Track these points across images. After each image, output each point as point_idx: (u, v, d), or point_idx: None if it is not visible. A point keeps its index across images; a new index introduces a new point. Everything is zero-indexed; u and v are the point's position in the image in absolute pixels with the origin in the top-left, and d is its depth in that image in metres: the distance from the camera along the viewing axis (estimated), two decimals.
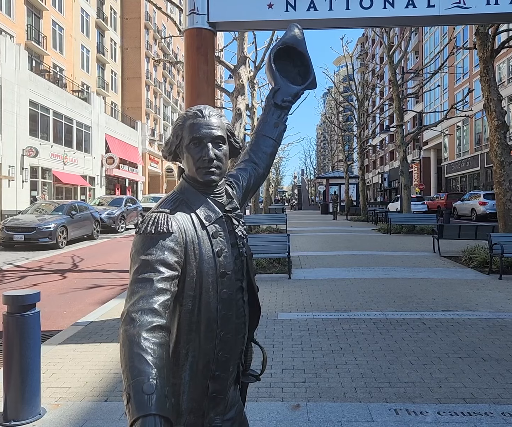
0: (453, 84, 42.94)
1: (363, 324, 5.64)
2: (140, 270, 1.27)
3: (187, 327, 1.37)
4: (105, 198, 23.22)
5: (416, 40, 52.24)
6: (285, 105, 1.91)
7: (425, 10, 5.92)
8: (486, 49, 10.63)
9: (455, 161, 43.25)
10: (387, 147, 64.01)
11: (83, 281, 9.18)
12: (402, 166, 19.33)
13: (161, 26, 54.94)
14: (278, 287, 7.82)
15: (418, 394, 3.70)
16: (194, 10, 6.11)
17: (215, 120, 1.48)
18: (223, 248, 1.44)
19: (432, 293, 7.25)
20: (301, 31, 2.12)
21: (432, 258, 11.15)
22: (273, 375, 4.10)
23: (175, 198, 1.46)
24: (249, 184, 1.77)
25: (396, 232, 17.77)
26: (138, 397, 1.06)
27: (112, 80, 44.49)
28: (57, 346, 5.02)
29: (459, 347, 4.77)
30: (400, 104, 19.79)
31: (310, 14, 6.03)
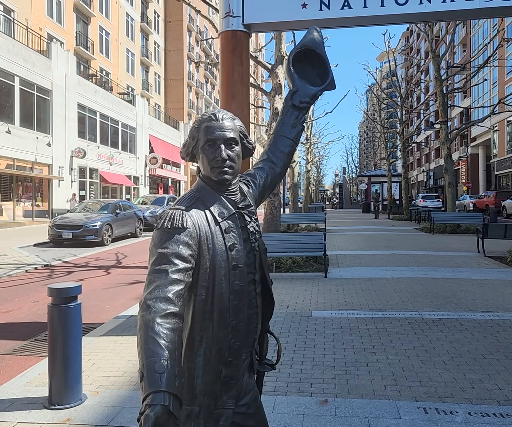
0: (503, 78, 41.12)
1: (397, 323, 5.59)
2: (157, 261, 1.39)
3: (201, 316, 1.48)
4: (148, 198, 23.92)
5: (463, 33, 50.40)
6: (302, 106, 1.97)
7: (463, 4, 5.78)
8: None
9: (505, 158, 41.41)
10: (432, 144, 62.15)
11: (125, 277, 9.55)
12: (446, 163, 18.79)
13: (203, 28, 55.83)
14: (313, 285, 7.85)
15: (449, 394, 3.66)
16: (229, 13, 6.24)
17: (228, 123, 1.57)
18: (235, 242, 1.53)
19: (472, 294, 7.06)
20: (320, 34, 2.19)
21: (476, 258, 10.81)
22: (303, 370, 4.16)
23: (191, 196, 1.57)
24: (266, 182, 1.85)
25: (439, 231, 17.30)
26: (150, 375, 1.18)
27: (156, 82, 45.65)
28: (99, 337, 5.29)
29: (497, 349, 4.65)
30: (444, 100, 19.22)
31: (344, 12, 6.03)
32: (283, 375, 4.05)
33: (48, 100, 24.42)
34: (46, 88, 24.22)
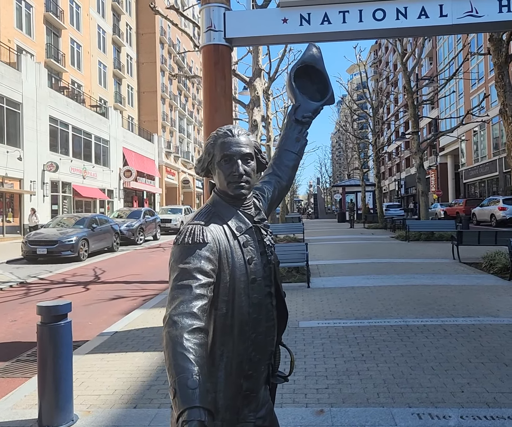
0: (468, 90, 42.58)
1: (383, 331, 5.68)
2: (179, 277, 1.39)
3: (222, 330, 1.49)
4: (124, 211, 23.59)
5: (429, 47, 52.01)
6: (305, 120, 2.02)
7: (437, 20, 6.00)
8: (500, 55, 10.61)
9: (473, 167, 42.77)
10: (403, 154, 63.60)
11: (105, 292, 9.38)
12: (418, 173, 19.26)
13: (175, 40, 55.82)
14: (297, 296, 7.89)
15: (440, 399, 3.74)
16: (211, 27, 6.29)
17: (244, 139, 1.60)
18: (253, 256, 1.55)
19: (452, 300, 7.24)
20: (319, 50, 2.25)
21: (452, 264, 11.09)
22: (296, 381, 4.17)
23: (208, 211, 1.58)
24: (274, 196, 1.89)
25: (414, 239, 17.66)
26: (184, 391, 1.18)
27: (129, 95, 45.29)
28: (85, 355, 5.18)
29: (481, 353, 4.78)
30: (415, 111, 19.76)
31: (324, 27, 6.16)
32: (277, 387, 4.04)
33: (19, 113, 23.91)
34: (17, 101, 23.71)
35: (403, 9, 6.08)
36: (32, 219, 20.59)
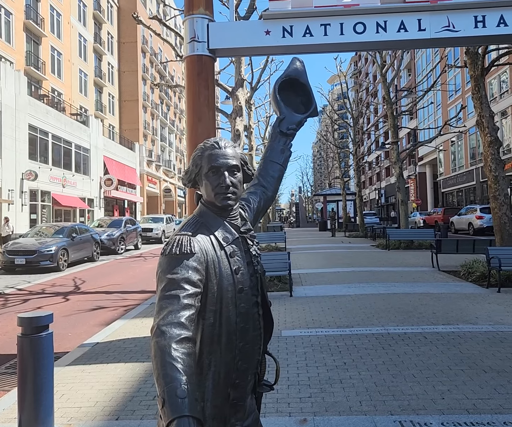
0: (446, 101, 43.54)
1: (365, 339, 5.74)
2: (167, 287, 1.40)
3: (210, 339, 1.50)
4: (105, 220, 23.32)
5: (408, 58, 53.07)
6: (290, 132, 2.06)
7: (416, 34, 6.16)
8: (476, 68, 10.91)
9: (450, 176, 43.64)
10: (382, 163, 64.51)
11: (86, 303, 9.25)
12: (398, 182, 19.56)
13: (157, 50, 55.73)
14: (280, 305, 7.92)
15: (421, 406, 3.80)
16: (195, 38, 6.33)
17: (231, 151, 1.63)
18: (240, 266, 1.58)
19: (432, 307, 7.36)
20: (303, 64, 2.31)
21: (431, 272, 11.28)
22: (279, 390, 4.19)
23: (195, 221, 1.60)
24: (259, 206, 1.92)
25: (394, 247, 17.91)
26: (172, 400, 1.19)
27: (110, 103, 44.95)
28: (65, 367, 5.09)
29: (460, 360, 4.87)
30: (394, 122, 20.11)
31: (306, 39, 6.26)
32: None
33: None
34: None
35: (382, 23, 6.23)
36: (5, 228, 20.07)
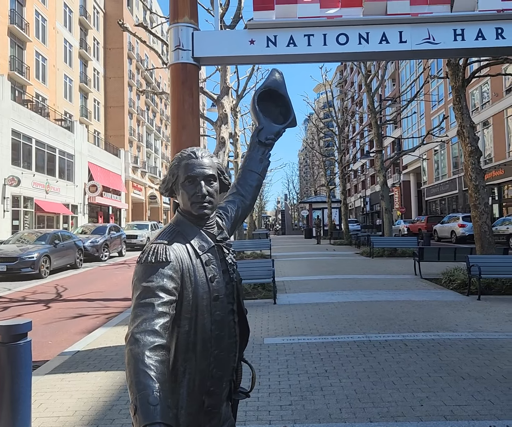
0: (429, 111, 44.23)
1: (347, 346, 5.78)
2: (142, 295, 1.42)
3: (184, 347, 1.52)
4: (88, 227, 23.08)
5: (393, 68, 53.85)
6: (268, 142, 2.10)
7: (397, 46, 6.28)
8: (457, 79, 11.13)
9: (434, 185, 44.26)
10: (367, 171, 65.12)
11: (67, 310, 9.14)
12: (382, 190, 19.77)
13: (143, 56, 55.62)
14: (263, 312, 7.93)
15: (400, 413, 3.84)
16: (179, 46, 6.36)
17: (207, 161, 1.66)
18: (216, 274, 1.60)
19: (413, 315, 7.44)
20: (282, 75, 2.35)
21: (413, 280, 11.41)
22: (260, 398, 4.20)
23: (172, 230, 1.62)
24: (237, 215, 1.94)
25: (378, 255, 18.07)
26: (145, 407, 1.20)
27: (95, 109, 44.65)
28: (44, 376, 5.03)
29: (440, 367, 4.94)
30: (378, 131, 20.36)
31: (290, 49, 6.33)
32: (240, 404, 4.05)
33: None
34: None
35: (365, 34, 6.34)
36: None
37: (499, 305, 8.06)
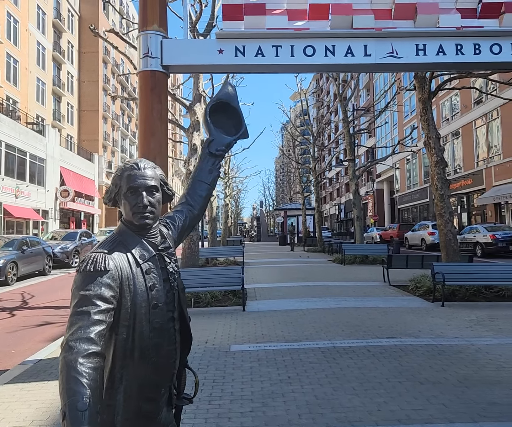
0: (402, 121, 45.19)
1: (311, 353, 5.86)
2: (79, 303, 1.45)
3: (122, 354, 1.55)
4: (59, 233, 22.66)
5: (367, 78, 54.83)
6: (218, 153, 2.15)
7: (362, 59, 6.44)
8: (424, 91, 11.45)
9: (406, 193, 45.15)
10: (342, 179, 65.95)
11: (33, 318, 8.97)
12: (354, 198, 20.08)
13: (119, 61, 55.14)
14: (232, 320, 7.95)
15: (358, 418, 3.92)
16: (148, 54, 6.37)
17: (150, 172, 1.70)
18: (156, 282, 1.64)
19: (378, 321, 7.58)
20: (234, 89, 2.42)
21: (382, 287, 11.61)
22: (221, 405, 4.22)
23: (113, 239, 1.65)
24: (185, 224, 1.99)
25: (350, 262, 18.30)
26: (73, 413, 1.23)
27: (68, 113, 43.98)
28: (3, 386, 4.93)
29: (399, 372, 5.06)
30: (351, 140, 20.70)
31: (258, 59, 6.42)
32: (201, 411, 4.08)
33: None
34: None
35: (331, 47, 6.48)
36: None
37: (462, 311, 8.30)
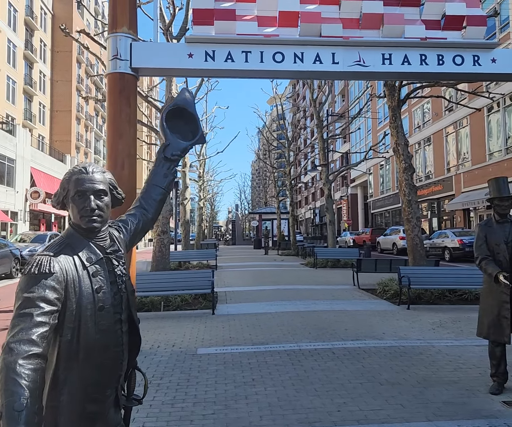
0: (376, 127, 45.96)
1: (277, 355, 5.93)
2: (22, 305, 1.47)
3: (66, 355, 1.57)
4: (28, 235, 22.17)
5: (342, 85, 55.60)
6: (174, 158, 2.19)
7: (330, 66, 6.57)
8: (393, 99, 11.72)
9: (379, 198, 45.90)
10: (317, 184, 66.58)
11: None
12: (327, 203, 20.33)
13: (94, 61, 54.35)
14: (201, 323, 7.96)
15: (317, 419, 4.00)
16: (117, 56, 6.34)
17: (98, 176, 1.73)
18: (102, 285, 1.67)
19: (345, 324, 7.72)
20: (191, 95, 2.47)
21: (351, 290, 11.80)
22: (184, 408, 4.24)
23: (60, 242, 1.68)
24: (138, 227, 2.02)
25: (322, 266, 18.51)
26: (9, 413, 1.26)
27: (40, 113, 43.11)
28: None
29: (361, 374, 5.18)
30: (324, 145, 20.96)
31: (227, 64, 6.47)
32: (163, 415, 4.09)
33: None
34: None
35: (300, 54, 6.59)
36: None
37: (426, 314, 8.52)
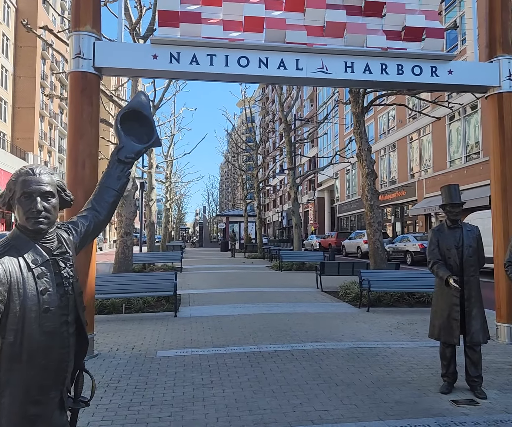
0: (343, 132, 46.78)
1: (237, 357, 5.97)
2: None
3: (9, 357, 1.57)
4: None
5: (311, 90, 56.30)
6: (127, 161, 2.21)
7: (294, 72, 6.69)
8: (358, 106, 12.01)
9: (345, 202, 46.72)
10: (285, 187, 67.11)
11: None
12: (293, 206, 20.55)
13: (59, 57, 53.02)
14: (162, 325, 7.92)
15: (273, 419, 4.07)
16: (80, 55, 6.27)
17: (45, 178, 1.73)
18: (48, 287, 1.67)
19: (306, 326, 7.84)
20: (147, 98, 2.49)
21: (314, 293, 11.98)
22: (140, 411, 4.22)
23: (5, 244, 1.68)
24: (89, 229, 2.02)
25: (287, 269, 18.69)
26: None
27: (1, 109, 41.71)
28: None
29: (318, 375, 5.28)
30: (291, 149, 21.19)
31: (192, 67, 6.50)
32: (119, 418, 4.06)
33: None
34: None
35: (264, 59, 6.68)
36: None
37: (385, 317, 8.75)
